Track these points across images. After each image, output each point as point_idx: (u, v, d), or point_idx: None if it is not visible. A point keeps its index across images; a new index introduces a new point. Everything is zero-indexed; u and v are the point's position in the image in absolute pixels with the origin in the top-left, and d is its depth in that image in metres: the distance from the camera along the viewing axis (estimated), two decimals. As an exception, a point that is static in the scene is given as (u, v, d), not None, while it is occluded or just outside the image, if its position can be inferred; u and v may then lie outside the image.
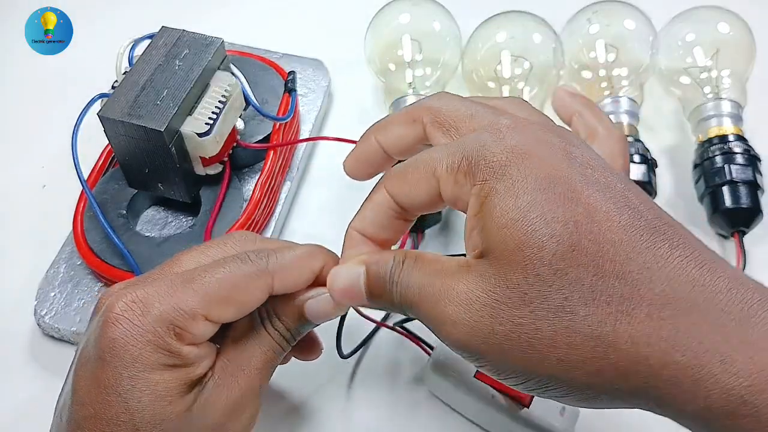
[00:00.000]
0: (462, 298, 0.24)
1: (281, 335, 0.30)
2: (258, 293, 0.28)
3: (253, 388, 0.29)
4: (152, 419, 0.26)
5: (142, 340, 0.26)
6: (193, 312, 0.27)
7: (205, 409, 0.28)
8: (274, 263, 0.29)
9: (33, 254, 0.45)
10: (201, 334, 0.28)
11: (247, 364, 0.29)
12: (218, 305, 0.27)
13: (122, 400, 0.26)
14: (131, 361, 0.26)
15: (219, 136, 0.39)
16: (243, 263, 0.28)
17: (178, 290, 0.27)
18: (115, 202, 0.43)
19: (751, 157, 0.45)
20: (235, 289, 0.28)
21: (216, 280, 0.28)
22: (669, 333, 0.21)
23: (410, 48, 0.50)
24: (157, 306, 0.27)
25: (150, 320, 0.26)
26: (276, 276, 0.29)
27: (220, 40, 0.41)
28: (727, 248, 0.46)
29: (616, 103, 0.48)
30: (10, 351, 0.42)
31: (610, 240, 0.22)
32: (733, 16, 0.50)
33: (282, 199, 0.46)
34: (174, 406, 0.27)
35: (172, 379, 0.27)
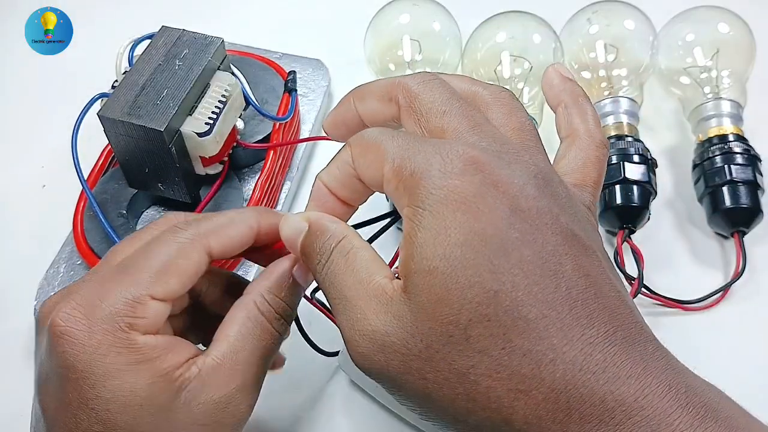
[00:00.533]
0: (377, 338, 0.23)
1: (279, 314, 0.28)
2: (195, 256, 0.27)
3: (248, 382, 0.28)
4: (127, 425, 0.25)
5: (94, 346, 0.25)
6: (136, 296, 0.26)
7: (189, 407, 0.26)
8: (206, 225, 0.28)
9: (33, 254, 0.45)
10: (153, 316, 0.26)
11: (242, 360, 0.27)
12: (159, 280, 0.26)
13: (93, 413, 0.25)
14: (89, 371, 0.25)
15: (219, 135, 0.39)
16: (172, 234, 0.28)
17: (114, 281, 0.26)
18: (115, 201, 0.43)
19: (751, 157, 0.45)
20: (170, 260, 0.27)
21: (149, 258, 0.27)
22: (563, 419, 0.21)
23: (410, 48, 0.50)
24: (99, 305, 0.26)
25: (96, 322, 0.25)
26: (210, 237, 0.28)
27: (220, 39, 0.41)
28: (727, 248, 0.46)
29: (616, 103, 0.48)
30: (10, 350, 0.42)
31: (525, 316, 0.21)
32: (733, 16, 0.50)
33: (282, 199, 0.46)
34: (147, 407, 0.25)
35: (136, 379, 0.25)
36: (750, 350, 0.42)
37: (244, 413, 0.28)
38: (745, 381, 0.40)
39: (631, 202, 0.43)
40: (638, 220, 0.44)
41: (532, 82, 0.48)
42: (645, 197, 0.43)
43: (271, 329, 0.28)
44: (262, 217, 0.30)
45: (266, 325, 0.28)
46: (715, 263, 0.45)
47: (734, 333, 0.42)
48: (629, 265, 0.42)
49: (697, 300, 0.43)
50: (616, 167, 0.44)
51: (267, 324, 0.28)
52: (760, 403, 0.40)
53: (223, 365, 0.27)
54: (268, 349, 0.28)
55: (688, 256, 0.46)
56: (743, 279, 0.43)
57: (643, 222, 0.44)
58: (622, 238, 0.43)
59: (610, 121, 0.47)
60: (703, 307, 0.43)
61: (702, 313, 0.43)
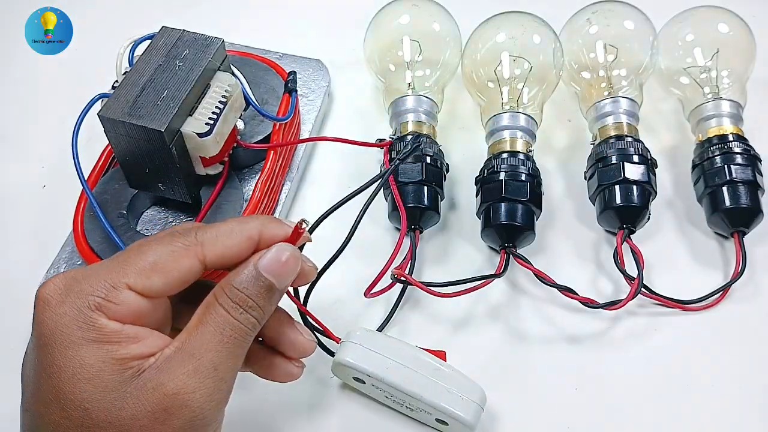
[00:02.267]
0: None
1: (241, 306, 0.28)
2: (186, 262, 0.28)
3: (203, 368, 0.27)
4: (75, 398, 0.26)
5: (64, 317, 0.27)
6: (114, 282, 0.27)
7: (140, 393, 0.26)
8: (203, 234, 0.29)
9: (33, 254, 0.45)
10: (125, 305, 0.27)
11: (197, 346, 0.27)
12: (141, 274, 0.27)
13: (47, 379, 0.26)
14: (53, 339, 0.26)
15: (219, 136, 0.39)
16: (170, 237, 0.29)
17: (102, 267, 0.28)
18: (115, 202, 0.43)
19: (751, 157, 0.45)
20: (159, 259, 0.28)
21: (138, 252, 0.28)
22: None
23: (410, 48, 0.50)
24: (81, 283, 0.27)
25: (72, 297, 0.27)
26: (206, 245, 0.29)
27: (220, 40, 0.41)
28: (727, 248, 0.46)
29: (615, 103, 0.47)
30: (10, 351, 0.42)
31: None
32: (733, 16, 0.50)
33: (282, 199, 0.46)
34: (95, 385, 0.26)
35: (92, 354, 0.26)
36: (750, 350, 0.42)
37: (201, 404, 0.27)
38: (745, 381, 0.40)
39: (631, 202, 0.43)
40: (638, 220, 0.44)
41: (532, 82, 0.48)
42: (645, 197, 0.43)
43: (231, 319, 0.28)
44: (266, 228, 0.30)
45: (224, 315, 0.28)
46: (715, 263, 0.45)
47: (734, 333, 0.42)
48: (629, 265, 0.42)
49: (697, 300, 0.43)
50: (616, 167, 0.44)
51: (225, 313, 0.28)
52: (760, 403, 0.41)
53: (179, 352, 0.27)
54: (230, 338, 0.28)
55: (688, 256, 0.46)
56: (743, 279, 0.43)
57: (642, 222, 0.44)
58: (622, 238, 0.43)
59: (610, 121, 0.47)
60: (703, 307, 0.43)
61: (702, 313, 0.43)
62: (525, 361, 0.41)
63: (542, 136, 0.49)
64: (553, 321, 0.43)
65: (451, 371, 0.36)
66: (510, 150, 0.45)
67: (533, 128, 0.47)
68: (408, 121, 0.47)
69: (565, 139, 0.52)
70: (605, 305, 0.41)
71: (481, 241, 0.45)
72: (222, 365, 0.28)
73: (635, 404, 0.40)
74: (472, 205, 0.46)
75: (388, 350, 0.37)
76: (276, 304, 0.30)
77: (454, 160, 0.49)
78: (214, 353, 0.28)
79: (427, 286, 0.40)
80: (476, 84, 0.50)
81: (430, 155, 0.45)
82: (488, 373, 0.39)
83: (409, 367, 0.36)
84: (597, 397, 0.40)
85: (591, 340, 0.42)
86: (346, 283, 0.43)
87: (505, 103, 0.48)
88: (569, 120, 0.53)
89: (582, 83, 0.50)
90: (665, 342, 0.42)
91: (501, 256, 0.43)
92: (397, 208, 0.43)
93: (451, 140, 0.51)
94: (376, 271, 0.40)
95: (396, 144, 0.46)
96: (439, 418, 0.36)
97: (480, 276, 0.41)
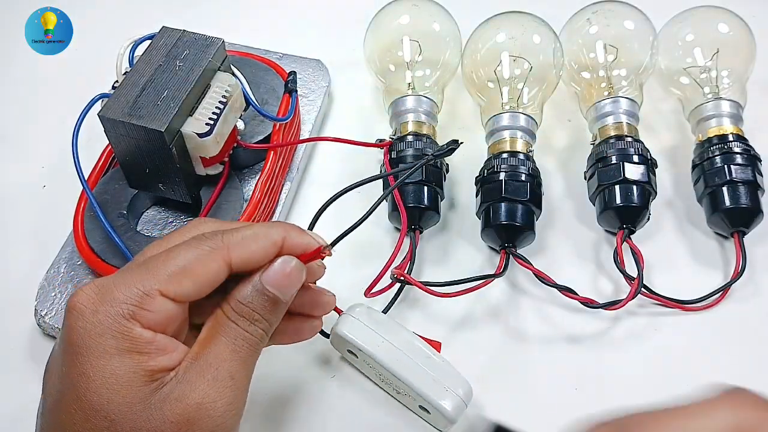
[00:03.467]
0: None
1: (248, 320, 0.29)
2: (214, 265, 0.28)
3: (221, 378, 0.28)
4: (101, 408, 0.26)
5: (98, 326, 0.27)
6: (147, 289, 0.27)
7: (163, 404, 0.27)
8: (229, 237, 0.29)
9: (33, 254, 0.45)
10: (159, 312, 0.27)
11: (213, 357, 0.28)
12: (172, 280, 0.28)
13: (73, 387, 0.26)
14: (85, 347, 0.26)
15: (219, 136, 0.39)
16: (197, 240, 0.29)
17: (132, 273, 0.28)
18: (115, 202, 0.43)
19: (751, 157, 0.45)
20: (188, 263, 0.28)
21: (168, 258, 0.28)
22: None
23: (410, 49, 0.50)
24: (113, 291, 0.27)
25: (106, 306, 0.27)
26: (232, 248, 0.29)
27: (220, 40, 0.41)
28: (727, 248, 0.46)
29: (615, 103, 0.48)
30: (10, 351, 0.42)
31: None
32: (733, 16, 0.50)
33: (282, 199, 0.46)
34: (123, 396, 0.26)
35: (123, 365, 0.26)
36: (750, 350, 0.42)
37: (222, 413, 0.28)
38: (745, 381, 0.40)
39: (631, 202, 0.43)
40: (638, 220, 0.44)
41: (532, 82, 0.48)
42: (645, 197, 0.43)
43: (241, 331, 0.29)
44: (289, 234, 0.30)
45: (234, 327, 0.29)
46: (715, 263, 0.45)
47: (734, 333, 0.42)
48: (629, 265, 0.42)
49: (697, 300, 0.43)
50: (616, 167, 0.44)
51: (235, 326, 0.29)
52: (759, 403, 0.40)
53: (195, 363, 0.28)
54: (242, 348, 0.29)
55: (688, 256, 0.46)
56: (743, 279, 0.43)
57: (642, 222, 0.44)
58: (621, 238, 0.43)
59: (610, 121, 0.47)
60: (703, 307, 0.43)
61: (702, 313, 0.43)
62: (525, 361, 0.41)
63: (542, 136, 0.49)
64: (553, 321, 0.43)
65: (442, 362, 0.37)
66: (510, 150, 0.45)
67: (533, 128, 0.47)
68: (408, 121, 0.47)
69: (565, 139, 0.52)
70: (605, 305, 0.41)
71: (481, 241, 0.45)
72: (238, 374, 0.29)
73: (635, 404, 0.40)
74: (472, 205, 0.46)
75: (384, 330, 0.37)
76: (282, 314, 0.31)
77: (454, 160, 0.49)
78: (230, 363, 0.28)
79: (427, 286, 0.40)
80: (476, 84, 0.50)
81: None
82: (488, 372, 0.39)
83: (400, 349, 0.36)
84: (597, 397, 0.40)
85: (591, 340, 0.42)
86: (347, 283, 0.42)
87: (505, 103, 0.48)
88: (569, 120, 0.53)
89: (582, 83, 0.50)
90: (665, 342, 0.42)
91: (501, 256, 0.43)
92: (397, 208, 0.43)
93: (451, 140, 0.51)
94: (376, 271, 0.40)
95: (396, 144, 0.46)
96: (422, 405, 0.37)
97: (480, 276, 0.41)
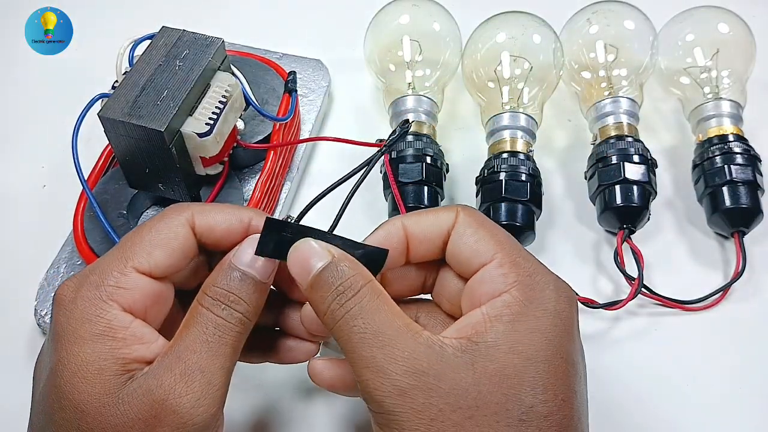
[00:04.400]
0: (424, 379, 0.25)
1: (223, 302, 0.28)
2: (180, 230, 0.29)
3: (190, 371, 0.26)
4: (73, 398, 0.26)
5: (76, 312, 0.27)
6: (120, 268, 0.28)
7: (131, 399, 0.26)
8: (191, 207, 0.30)
9: (33, 254, 0.45)
10: (135, 289, 0.27)
11: (183, 349, 0.27)
12: (142, 252, 0.28)
13: (52, 377, 0.27)
14: (64, 334, 0.27)
15: (219, 136, 0.39)
16: (160, 214, 0.29)
17: (107, 257, 0.29)
18: (115, 202, 0.43)
19: (751, 157, 0.45)
20: (155, 234, 0.28)
21: (135, 235, 0.29)
22: None
23: (410, 48, 0.50)
24: (90, 276, 0.28)
25: (83, 291, 0.27)
26: (195, 215, 0.29)
27: (220, 40, 0.41)
28: (727, 248, 0.46)
29: (616, 103, 0.47)
30: (10, 351, 0.42)
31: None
32: (733, 16, 0.50)
33: (282, 199, 0.46)
34: (93, 386, 0.26)
35: (95, 352, 0.26)
36: (750, 350, 0.42)
37: (192, 405, 0.26)
38: (745, 381, 0.40)
39: (631, 202, 0.43)
40: (638, 220, 0.44)
41: (532, 82, 0.48)
42: (645, 197, 0.43)
43: (213, 317, 0.28)
44: (257, 216, 0.30)
45: (206, 314, 0.28)
46: (715, 263, 0.45)
47: (734, 333, 0.42)
48: (629, 265, 0.42)
49: (697, 300, 0.43)
50: (616, 167, 0.44)
51: (207, 312, 0.28)
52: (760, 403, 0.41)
53: (166, 356, 0.27)
54: (216, 336, 0.27)
55: (688, 256, 0.46)
56: (743, 279, 0.43)
57: (643, 222, 0.44)
58: (622, 238, 0.43)
59: (610, 121, 0.47)
60: (703, 307, 0.43)
61: (702, 313, 0.43)
62: (525, 361, 0.41)
63: (542, 136, 0.49)
64: (553, 321, 0.43)
65: None
66: (510, 150, 0.45)
67: (533, 128, 0.47)
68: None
69: (565, 139, 0.52)
70: (605, 305, 0.41)
71: (481, 241, 0.45)
72: (209, 367, 0.27)
73: (635, 404, 0.40)
74: (472, 205, 0.46)
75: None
76: (263, 294, 0.29)
77: (454, 160, 0.49)
78: (199, 355, 0.27)
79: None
80: (476, 84, 0.50)
81: (430, 155, 0.45)
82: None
83: None
84: (597, 397, 0.40)
85: (591, 340, 0.42)
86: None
87: (505, 103, 0.48)
88: (569, 120, 0.53)
89: (582, 83, 0.50)
90: (665, 342, 0.42)
91: (501, 256, 0.43)
92: (398, 208, 0.43)
93: (451, 140, 0.51)
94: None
95: (396, 144, 0.46)
96: None
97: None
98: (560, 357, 0.27)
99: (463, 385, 0.25)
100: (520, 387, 0.25)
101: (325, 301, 0.27)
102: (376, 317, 0.26)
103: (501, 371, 0.25)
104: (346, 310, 0.26)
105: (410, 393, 0.25)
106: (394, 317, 0.26)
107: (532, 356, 0.26)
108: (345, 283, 0.27)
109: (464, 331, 0.27)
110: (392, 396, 0.25)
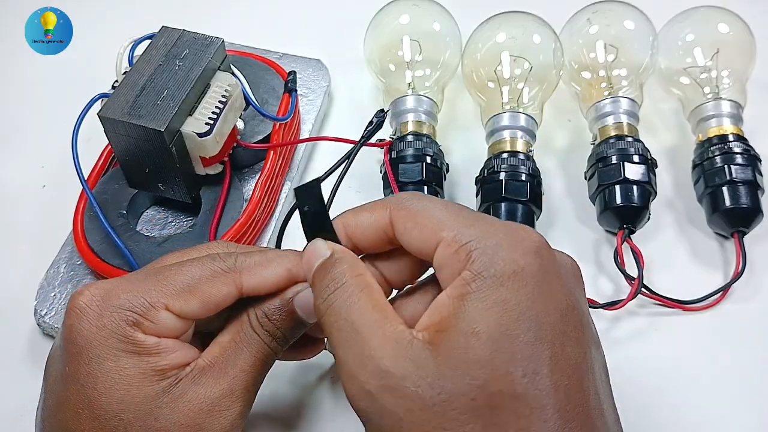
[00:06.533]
0: (389, 379, 0.24)
1: (271, 335, 0.29)
2: (224, 288, 0.28)
3: (237, 389, 0.28)
4: (111, 408, 0.26)
5: (102, 329, 0.27)
6: (153, 301, 0.27)
7: (176, 404, 0.27)
8: (242, 261, 0.29)
9: (33, 254, 0.45)
10: (162, 325, 0.27)
11: (232, 366, 0.28)
12: (179, 296, 0.28)
13: (80, 388, 0.26)
14: (90, 349, 0.26)
15: (219, 136, 0.39)
16: (210, 260, 0.29)
17: (141, 282, 0.28)
18: (115, 202, 0.43)
19: (751, 157, 0.45)
20: (197, 282, 0.28)
21: (178, 273, 0.28)
22: None
23: (410, 48, 0.50)
24: (119, 296, 0.27)
25: (108, 308, 0.27)
26: (244, 273, 0.29)
27: (220, 40, 0.41)
28: (727, 248, 0.46)
29: (616, 103, 0.47)
30: (10, 351, 0.42)
31: (543, 406, 0.23)
32: (733, 16, 0.50)
33: (282, 199, 0.46)
34: (132, 396, 0.26)
35: (129, 365, 0.27)
36: (750, 350, 0.42)
37: (231, 423, 0.28)
38: (746, 381, 0.40)
39: (631, 202, 0.43)
40: (638, 220, 0.44)
41: (532, 82, 0.48)
42: (645, 197, 0.43)
43: (262, 344, 0.29)
44: (298, 261, 0.30)
45: (257, 339, 0.29)
46: (715, 263, 0.45)
47: (734, 333, 0.42)
48: (629, 265, 0.42)
49: (697, 300, 0.43)
50: (616, 167, 0.44)
51: (257, 338, 0.29)
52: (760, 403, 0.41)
53: (213, 367, 0.28)
54: (260, 361, 0.29)
55: (688, 256, 0.46)
56: (743, 279, 0.43)
57: (643, 222, 0.44)
58: (622, 238, 0.43)
59: (610, 121, 0.47)
60: (703, 307, 0.43)
61: (702, 313, 0.43)
62: (525, 361, 0.41)
63: (542, 136, 0.49)
64: (553, 321, 0.43)
65: None
66: (510, 150, 0.45)
67: (533, 128, 0.47)
68: (408, 121, 0.47)
69: (565, 139, 0.52)
70: (605, 305, 0.41)
71: (481, 241, 0.45)
72: (253, 387, 0.29)
73: (635, 404, 0.40)
74: (472, 205, 0.46)
75: None
76: (299, 335, 0.31)
77: (454, 160, 0.49)
78: (248, 375, 0.29)
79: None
80: (476, 84, 0.50)
81: (430, 155, 0.45)
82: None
83: None
84: (597, 397, 0.40)
85: (591, 340, 0.42)
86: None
87: (505, 103, 0.48)
88: (569, 120, 0.53)
89: (582, 83, 0.50)
90: (665, 342, 0.42)
91: (501, 256, 0.43)
92: (397, 208, 0.43)
93: (451, 140, 0.51)
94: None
95: (396, 144, 0.46)
96: None
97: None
98: (524, 325, 0.24)
99: (428, 381, 0.23)
100: (482, 372, 0.23)
101: (320, 293, 0.27)
102: (352, 311, 0.26)
103: (463, 358, 0.23)
104: (329, 304, 0.26)
105: (377, 395, 0.24)
106: (373, 310, 0.26)
107: (491, 335, 0.23)
108: (335, 274, 0.27)
109: (433, 317, 0.25)
110: (363, 399, 0.25)
